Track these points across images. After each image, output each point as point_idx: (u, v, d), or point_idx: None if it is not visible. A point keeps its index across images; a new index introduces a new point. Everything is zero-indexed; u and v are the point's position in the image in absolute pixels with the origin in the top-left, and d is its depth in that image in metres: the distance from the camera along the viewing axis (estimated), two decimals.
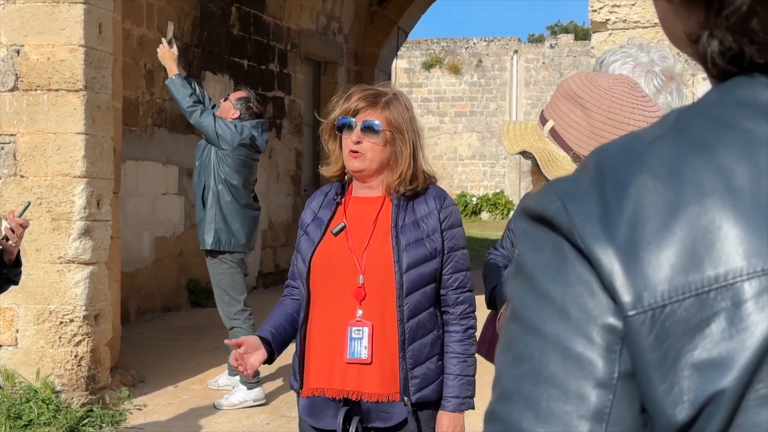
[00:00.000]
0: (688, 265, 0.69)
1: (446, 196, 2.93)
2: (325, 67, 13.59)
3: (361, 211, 2.89)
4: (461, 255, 2.89)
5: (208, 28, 10.54)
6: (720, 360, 0.67)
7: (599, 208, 0.72)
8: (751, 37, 0.71)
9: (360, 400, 2.81)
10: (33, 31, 5.83)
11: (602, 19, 4.94)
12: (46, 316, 5.82)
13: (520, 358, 0.73)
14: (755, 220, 0.68)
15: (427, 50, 26.47)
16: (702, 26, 0.74)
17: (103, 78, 6.01)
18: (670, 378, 0.68)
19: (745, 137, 0.71)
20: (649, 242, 0.70)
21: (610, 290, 0.70)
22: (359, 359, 2.80)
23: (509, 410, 0.73)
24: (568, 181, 0.76)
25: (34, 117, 5.84)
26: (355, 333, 2.80)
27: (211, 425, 5.87)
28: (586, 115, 1.86)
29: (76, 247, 5.83)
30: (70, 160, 5.81)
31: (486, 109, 26.19)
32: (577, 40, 26.62)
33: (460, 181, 26.05)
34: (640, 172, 0.72)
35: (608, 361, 0.70)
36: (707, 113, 0.74)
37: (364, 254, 2.82)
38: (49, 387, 5.77)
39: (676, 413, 0.68)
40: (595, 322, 0.71)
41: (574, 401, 0.70)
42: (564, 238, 0.73)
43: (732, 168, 0.70)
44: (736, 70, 0.74)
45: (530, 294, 0.74)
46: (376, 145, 2.84)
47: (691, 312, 0.68)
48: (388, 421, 2.82)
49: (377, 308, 2.80)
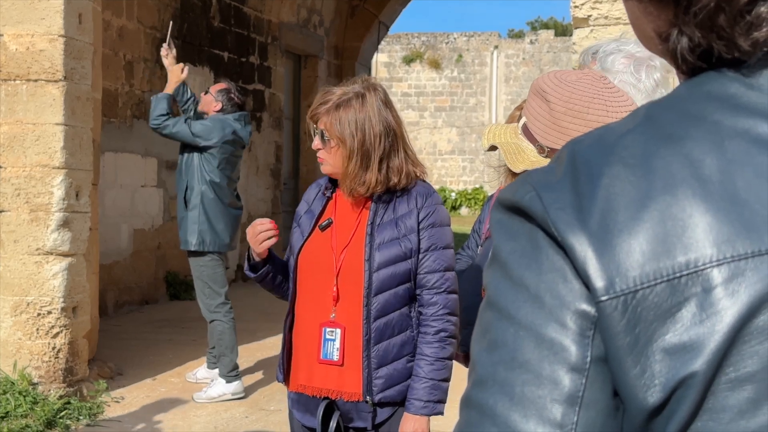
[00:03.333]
0: (660, 251, 0.70)
1: (431, 194, 2.84)
2: (305, 61, 13.58)
3: (349, 208, 2.88)
4: (439, 255, 2.79)
5: (189, 19, 10.51)
6: (691, 344, 0.69)
7: (573, 198, 0.74)
8: (718, 33, 0.73)
9: (340, 399, 2.81)
10: (12, 20, 5.79)
11: (584, 15, 4.97)
12: (24, 308, 5.79)
13: (494, 344, 0.75)
14: (724, 209, 0.70)
15: (407, 45, 26.48)
16: (671, 24, 0.76)
17: (82, 69, 5.98)
18: (642, 362, 0.70)
19: (713, 129, 0.73)
20: (621, 229, 0.71)
21: (583, 276, 0.72)
22: (331, 360, 2.80)
23: (484, 395, 0.74)
24: (543, 173, 0.77)
25: (13, 107, 5.81)
26: (328, 334, 2.80)
27: (189, 418, 5.87)
28: (548, 107, 1.90)
29: (55, 238, 5.80)
30: (49, 150, 5.78)
31: (466, 105, 26.23)
32: (557, 36, 26.69)
33: (439, 176, 26.09)
34: (612, 162, 0.74)
35: (581, 345, 0.72)
36: (677, 107, 0.76)
37: (342, 253, 2.81)
38: (27, 379, 5.75)
39: (647, 396, 0.70)
40: (568, 307, 0.72)
41: (547, 385, 0.72)
42: (538, 227, 0.74)
43: (701, 159, 0.72)
44: (705, 66, 0.76)
45: (505, 282, 0.75)
46: (333, 150, 2.79)
47: (663, 297, 0.70)
48: (366, 421, 2.82)
49: (349, 309, 2.80)
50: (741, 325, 0.68)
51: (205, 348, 6.74)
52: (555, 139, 1.89)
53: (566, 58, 24.21)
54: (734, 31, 0.72)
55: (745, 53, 0.73)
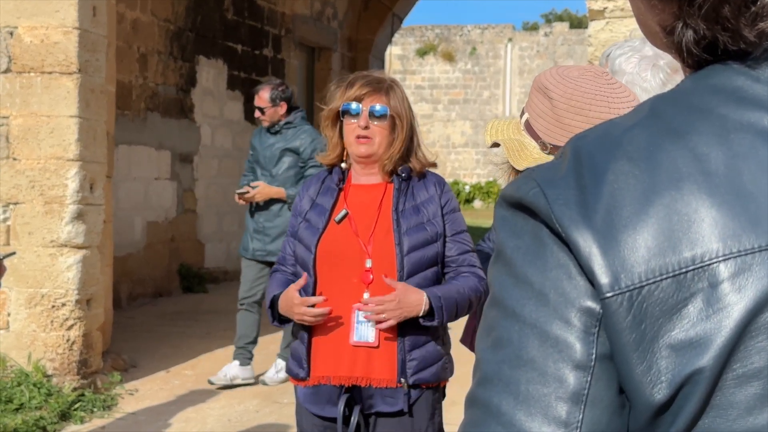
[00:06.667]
0: (665, 247, 0.70)
1: (445, 183, 2.99)
2: (319, 53, 13.57)
3: (363, 197, 2.92)
4: (464, 237, 2.94)
5: (202, 12, 10.52)
6: (697, 340, 0.68)
7: (577, 194, 0.73)
8: (723, 24, 0.72)
9: (369, 386, 2.83)
10: (26, 13, 5.81)
11: (600, 8, 4.94)
12: (38, 300, 5.82)
13: (499, 342, 0.74)
14: (730, 203, 0.69)
15: (421, 37, 26.44)
16: (676, 17, 0.75)
17: (96, 61, 5.99)
18: (648, 359, 0.69)
19: (719, 123, 0.72)
20: (626, 225, 0.71)
21: (587, 273, 0.71)
22: (366, 342, 2.82)
23: (489, 394, 0.74)
24: (547, 169, 0.77)
25: (27, 99, 5.83)
26: (361, 316, 2.83)
27: (202, 411, 5.89)
28: (551, 104, 1.90)
29: (69, 230, 5.83)
30: (64, 143, 5.80)
31: (479, 97, 26.18)
32: (572, 28, 26.59)
33: (452, 169, 26.06)
34: (616, 158, 0.73)
35: (586, 343, 0.71)
36: (682, 100, 0.75)
37: (371, 239, 2.86)
38: (41, 371, 5.78)
39: (654, 393, 0.70)
40: (572, 305, 0.72)
41: (552, 383, 0.71)
42: (543, 223, 0.74)
43: (706, 153, 0.71)
44: (711, 59, 0.75)
45: (509, 279, 0.75)
46: (383, 129, 2.89)
47: (669, 293, 0.69)
48: (393, 405, 2.84)
49: (383, 292, 2.82)
50: (748, 321, 0.68)
51: (218, 340, 6.74)
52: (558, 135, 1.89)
53: (581, 51, 24.10)
54: (739, 22, 0.72)
55: (751, 44, 0.73)
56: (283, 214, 6.15)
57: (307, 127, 6.31)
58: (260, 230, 6.20)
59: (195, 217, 10.60)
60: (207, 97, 10.65)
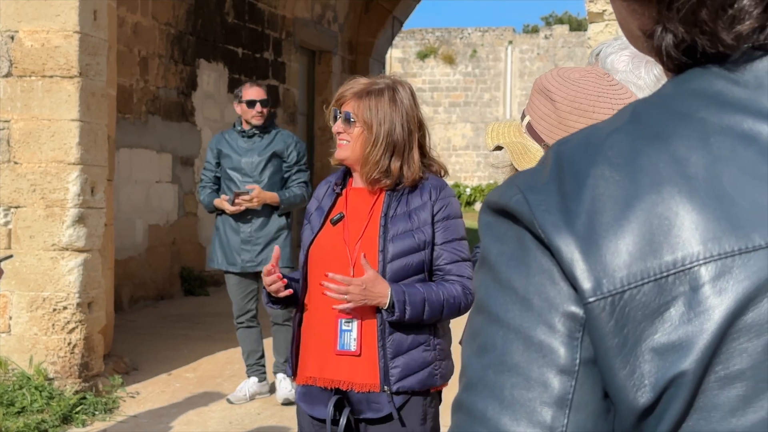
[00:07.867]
0: (646, 251, 0.70)
1: (444, 187, 2.90)
2: (319, 56, 13.58)
3: (360, 202, 2.92)
4: (456, 246, 2.85)
5: (203, 15, 10.53)
6: (680, 343, 0.69)
7: (559, 199, 0.73)
8: (701, 27, 0.73)
9: (351, 390, 2.83)
10: (27, 17, 5.82)
11: (599, 10, 4.96)
12: (40, 303, 5.83)
13: (484, 348, 0.75)
14: (711, 207, 0.70)
15: (421, 40, 26.44)
16: (656, 21, 0.76)
17: (97, 65, 6.01)
18: (631, 362, 0.70)
19: (699, 127, 0.73)
20: (607, 230, 0.71)
21: (570, 278, 0.72)
22: (348, 351, 2.82)
23: (474, 399, 0.74)
24: (529, 175, 0.77)
25: (28, 103, 5.84)
26: (344, 325, 2.83)
27: (203, 414, 5.90)
28: (554, 107, 1.89)
29: (70, 234, 5.84)
30: (65, 146, 5.81)
31: (480, 100, 26.17)
32: (571, 31, 26.58)
33: (453, 172, 26.04)
34: (597, 163, 0.74)
35: (570, 348, 0.72)
36: (663, 104, 0.76)
37: (356, 246, 2.84)
38: (42, 374, 5.79)
39: (638, 397, 0.70)
40: (556, 310, 0.72)
41: (536, 388, 0.72)
42: (525, 229, 0.74)
43: (687, 156, 0.72)
44: (691, 62, 0.76)
45: (493, 285, 0.75)
46: (357, 135, 2.85)
47: (650, 297, 0.70)
48: (378, 411, 2.83)
49: None
50: (729, 323, 0.68)
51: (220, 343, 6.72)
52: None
53: (581, 53, 24.10)
54: (717, 25, 0.72)
55: (729, 47, 0.73)
56: (272, 221, 6.00)
57: (285, 131, 6.29)
58: (249, 240, 5.98)
59: (196, 220, 10.61)
60: (208, 101, 10.66)
